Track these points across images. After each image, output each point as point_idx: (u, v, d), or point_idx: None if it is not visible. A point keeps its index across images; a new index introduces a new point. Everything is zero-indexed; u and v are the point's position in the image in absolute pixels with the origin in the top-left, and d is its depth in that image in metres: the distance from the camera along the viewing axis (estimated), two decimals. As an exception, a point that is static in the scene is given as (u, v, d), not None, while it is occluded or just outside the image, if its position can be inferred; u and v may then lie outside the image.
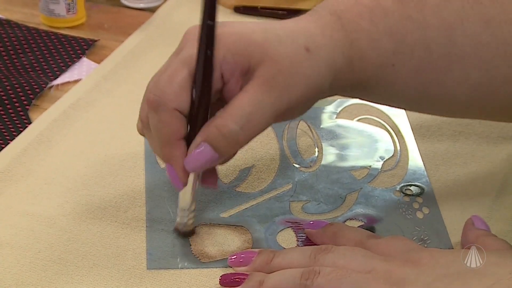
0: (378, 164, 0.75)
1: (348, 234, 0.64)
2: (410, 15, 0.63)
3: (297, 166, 0.75)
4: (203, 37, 0.59)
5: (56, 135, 0.77)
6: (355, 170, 0.74)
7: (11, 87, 0.84)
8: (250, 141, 0.61)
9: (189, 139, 0.61)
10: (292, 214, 0.69)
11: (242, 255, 0.63)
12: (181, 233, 0.66)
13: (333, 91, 0.64)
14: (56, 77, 0.87)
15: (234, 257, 0.64)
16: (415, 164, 0.75)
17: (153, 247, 0.65)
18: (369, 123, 0.80)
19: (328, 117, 0.81)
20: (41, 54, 0.91)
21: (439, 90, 0.64)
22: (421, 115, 0.76)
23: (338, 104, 0.82)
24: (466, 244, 0.63)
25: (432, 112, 0.70)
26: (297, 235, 0.67)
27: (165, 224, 0.67)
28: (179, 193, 0.64)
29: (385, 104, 0.72)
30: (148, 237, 0.66)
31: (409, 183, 0.73)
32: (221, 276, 0.62)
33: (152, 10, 1.00)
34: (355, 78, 0.63)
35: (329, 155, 0.76)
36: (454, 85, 0.64)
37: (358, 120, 0.81)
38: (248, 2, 1.00)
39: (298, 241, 0.67)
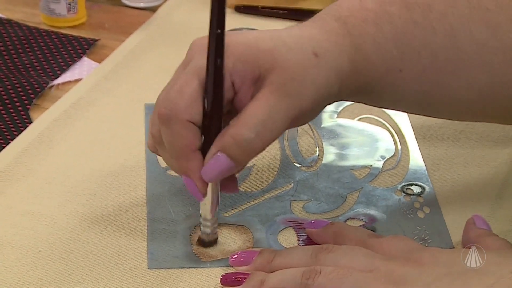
0: (379, 164, 0.75)
1: (349, 234, 0.64)
2: (416, 20, 0.62)
3: (298, 166, 0.75)
4: (212, 46, 0.58)
5: (57, 135, 0.77)
6: (356, 170, 0.74)
7: (12, 87, 0.84)
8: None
9: (204, 150, 0.61)
10: (293, 214, 0.69)
11: (243, 255, 0.63)
12: (206, 243, 0.65)
13: (341, 96, 0.64)
14: (57, 77, 0.87)
15: (235, 257, 0.64)
16: (416, 164, 0.75)
17: (154, 247, 0.65)
18: (370, 123, 0.80)
19: (329, 117, 0.81)
20: (42, 54, 0.91)
21: (445, 95, 0.64)
22: (422, 115, 0.76)
23: (339, 104, 0.82)
24: (467, 244, 0.63)
25: (438, 116, 0.70)
26: (298, 235, 0.67)
27: (166, 224, 0.67)
28: (200, 204, 0.64)
29: (391, 109, 0.72)
30: (149, 237, 0.66)
31: (410, 183, 0.73)
32: (222, 276, 0.62)
33: (153, 10, 1.00)
34: (361, 83, 0.63)
35: (330, 155, 0.76)
36: (460, 90, 0.63)
37: (359, 120, 0.81)
38: (249, 2, 1.00)
39: (299, 241, 0.67)
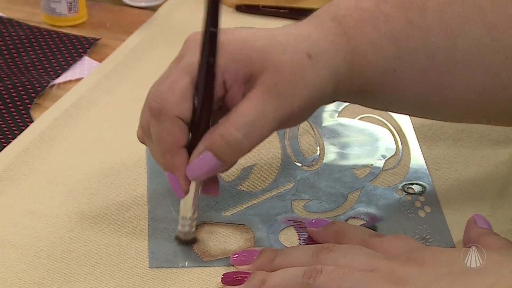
0: (380, 163, 0.75)
1: (350, 233, 0.64)
2: (412, 20, 0.62)
3: (299, 165, 0.75)
4: (206, 44, 0.58)
5: (58, 134, 0.77)
6: (357, 169, 0.74)
7: (13, 86, 0.84)
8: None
9: (191, 147, 0.61)
10: (294, 213, 0.69)
11: (244, 254, 0.64)
12: (183, 241, 0.65)
13: (336, 97, 0.64)
14: (58, 76, 0.87)
15: (236, 256, 0.64)
16: (417, 163, 0.75)
17: (155, 246, 0.65)
18: (371, 122, 0.80)
19: (330, 116, 0.81)
20: (43, 53, 0.91)
21: (442, 95, 0.64)
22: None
23: (340, 103, 0.81)
24: (468, 243, 0.63)
25: (436, 118, 0.70)
26: (299, 234, 0.67)
27: (167, 223, 0.67)
28: (181, 202, 0.64)
29: (388, 110, 0.72)
30: (150, 236, 0.66)
31: (411, 182, 0.73)
32: (223, 275, 0.62)
33: (154, 9, 1.00)
34: (357, 84, 0.63)
35: (331, 154, 0.76)
36: (457, 90, 0.63)
37: (360, 119, 0.80)
38: (250, 1, 1.00)
39: (300, 240, 0.67)
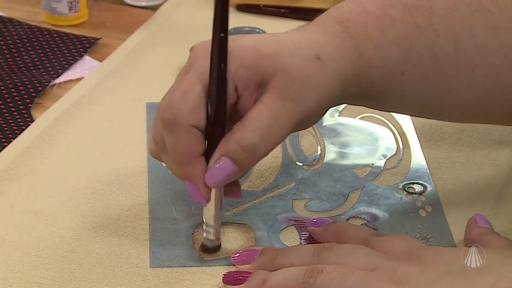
0: (381, 162, 0.75)
1: (351, 232, 0.64)
2: (418, 24, 0.62)
3: (300, 164, 0.75)
4: (216, 50, 0.58)
5: (59, 134, 0.77)
6: (358, 168, 0.74)
7: (14, 85, 0.84)
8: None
9: (207, 155, 0.60)
10: (295, 212, 0.69)
11: (245, 253, 0.63)
12: (209, 249, 0.65)
13: (343, 100, 0.64)
14: (58, 75, 0.87)
15: (237, 255, 0.64)
16: (418, 162, 0.75)
17: (156, 245, 0.65)
18: (372, 121, 0.80)
19: (330, 115, 0.81)
20: (43, 52, 0.91)
21: (447, 98, 0.64)
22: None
23: (341, 102, 0.82)
24: (469, 242, 0.63)
25: (440, 118, 0.70)
26: (300, 233, 0.67)
27: (168, 222, 0.67)
28: (203, 209, 0.63)
29: (393, 112, 0.72)
30: (151, 235, 0.66)
31: (412, 181, 0.73)
32: (224, 274, 0.62)
33: (154, 9, 1.00)
34: (364, 87, 0.63)
35: (332, 153, 0.76)
36: (462, 93, 0.63)
37: (361, 118, 0.80)
38: (250, 0, 1.00)
39: (301, 239, 0.67)
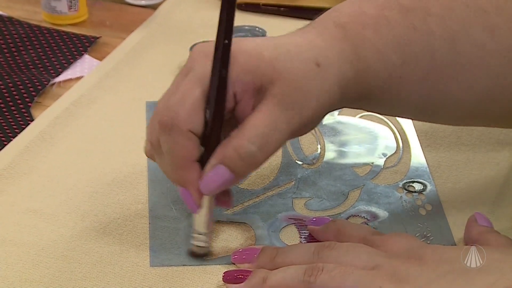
0: (381, 161, 0.75)
1: (351, 231, 0.64)
2: (415, 25, 0.62)
3: (300, 163, 0.75)
4: (219, 57, 0.58)
5: (59, 132, 0.77)
6: (358, 167, 0.74)
7: (13, 84, 0.84)
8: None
9: (203, 161, 0.60)
10: (295, 211, 0.69)
11: (245, 252, 0.63)
12: (198, 255, 0.64)
13: (342, 105, 0.64)
14: (58, 74, 0.87)
15: (237, 254, 0.64)
16: (418, 161, 0.75)
17: (156, 244, 0.65)
18: (371, 120, 0.80)
19: (330, 114, 0.81)
20: (43, 51, 0.91)
21: (445, 99, 0.64)
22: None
23: (340, 101, 0.82)
24: (469, 241, 0.64)
25: (439, 121, 0.69)
26: (300, 232, 0.67)
27: (168, 221, 0.67)
28: (194, 216, 0.63)
29: (391, 115, 0.72)
30: (151, 234, 0.66)
31: (412, 180, 0.73)
32: (224, 273, 0.62)
33: (154, 7, 1.00)
34: (363, 91, 0.63)
35: (331, 152, 0.76)
36: (460, 94, 0.63)
37: (361, 117, 0.80)
38: (250, -1, 1.00)
39: (301, 238, 0.67)
